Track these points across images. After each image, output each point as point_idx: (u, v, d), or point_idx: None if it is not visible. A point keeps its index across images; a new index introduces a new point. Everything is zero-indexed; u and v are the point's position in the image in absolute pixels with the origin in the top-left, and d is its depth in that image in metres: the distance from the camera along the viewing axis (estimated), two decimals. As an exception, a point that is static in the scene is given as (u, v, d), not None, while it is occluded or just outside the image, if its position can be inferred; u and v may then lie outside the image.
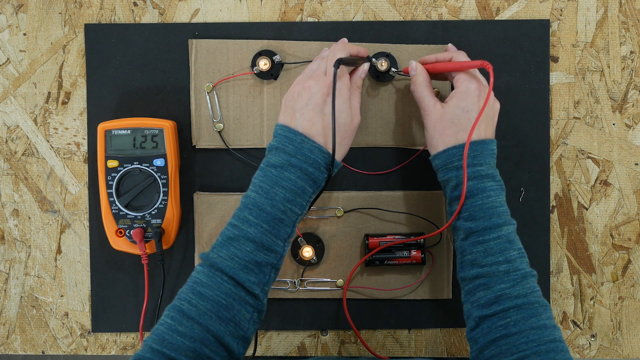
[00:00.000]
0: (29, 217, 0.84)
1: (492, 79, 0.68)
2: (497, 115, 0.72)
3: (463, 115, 0.69)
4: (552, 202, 0.83)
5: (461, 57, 0.73)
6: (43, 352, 0.85)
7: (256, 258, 0.64)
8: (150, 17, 0.83)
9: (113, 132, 0.78)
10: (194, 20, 0.83)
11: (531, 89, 0.82)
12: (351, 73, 0.74)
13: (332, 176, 0.69)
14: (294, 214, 0.66)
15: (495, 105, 0.72)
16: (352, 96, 0.72)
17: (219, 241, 0.65)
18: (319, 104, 0.68)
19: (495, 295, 0.65)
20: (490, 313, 0.64)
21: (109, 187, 0.78)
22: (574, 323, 0.84)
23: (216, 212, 0.82)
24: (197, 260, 0.82)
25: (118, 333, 0.84)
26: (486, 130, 0.70)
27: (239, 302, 0.63)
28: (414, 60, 0.75)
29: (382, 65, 0.80)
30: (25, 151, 0.84)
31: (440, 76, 0.76)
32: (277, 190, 0.66)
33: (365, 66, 0.74)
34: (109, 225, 0.79)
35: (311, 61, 0.81)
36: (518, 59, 0.82)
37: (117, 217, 0.79)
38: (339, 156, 0.70)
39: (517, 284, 0.65)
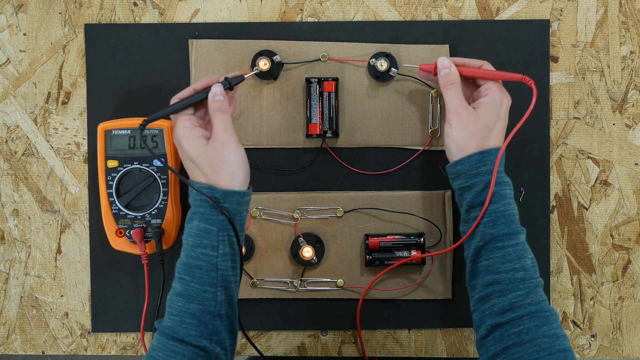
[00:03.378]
0: (29, 217, 0.84)
1: (535, 95, 0.69)
2: None
3: (496, 122, 0.70)
4: (552, 202, 0.83)
5: (489, 66, 0.73)
6: (43, 352, 0.85)
7: (189, 310, 0.65)
8: (150, 17, 0.83)
9: (113, 132, 0.78)
10: (194, 20, 0.83)
11: (531, 89, 0.82)
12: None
13: (240, 202, 0.68)
14: (209, 256, 0.66)
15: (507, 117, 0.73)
16: (214, 122, 0.69)
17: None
18: (183, 157, 0.70)
19: (510, 303, 0.65)
20: (503, 321, 0.65)
21: (109, 187, 0.78)
22: (574, 323, 0.84)
23: (216, 212, 0.82)
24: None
25: (118, 333, 0.84)
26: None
27: (190, 356, 0.64)
28: (446, 58, 0.73)
29: (382, 65, 0.80)
30: (25, 151, 0.84)
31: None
32: (188, 240, 0.67)
33: (214, 90, 0.70)
34: (109, 225, 0.79)
35: (311, 61, 0.81)
36: (518, 59, 0.82)
37: (117, 217, 0.79)
38: (231, 178, 0.67)
39: (531, 292, 0.65)
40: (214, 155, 0.67)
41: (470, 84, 0.75)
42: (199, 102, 0.71)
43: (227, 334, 0.67)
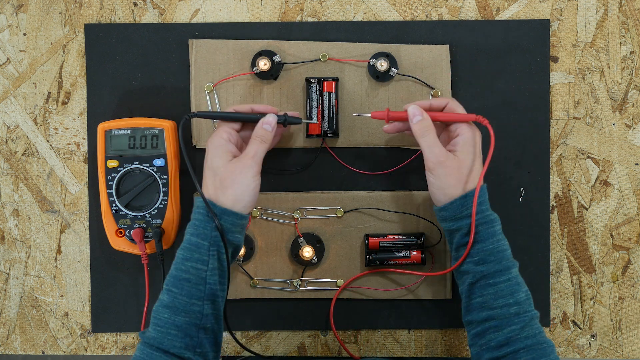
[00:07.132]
0: (29, 217, 0.84)
1: (492, 135, 0.69)
2: None
3: (474, 163, 0.70)
4: (552, 202, 0.83)
5: (454, 104, 0.72)
6: (43, 352, 0.85)
7: (175, 322, 0.66)
8: (150, 17, 0.83)
9: (113, 132, 0.78)
10: (194, 20, 0.83)
11: (531, 89, 0.82)
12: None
13: (239, 222, 0.69)
14: (198, 270, 0.67)
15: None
16: (249, 145, 0.71)
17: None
18: (205, 162, 0.71)
19: (506, 337, 0.66)
20: (500, 355, 0.65)
21: (109, 187, 0.78)
22: (574, 323, 0.84)
23: (216, 212, 0.82)
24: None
25: (118, 333, 0.85)
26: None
27: None
28: (413, 105, 0.72)
29: (382, 65, 0.80)
30: (25, 151, 0.84)
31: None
32: (179, 253, 0.69)
33: (267, 119, 0.72)
34: (109, 225, 0.79)
35: (311, 61, 0.81)
36: (518, 59, 0.82)
37: (117, 217, 0.79)
38: (233, 199, 0.69)
39: (526, 325, 0.66)
40: (230, 173, 0.69)
41: (437, 124, 0.74)
42: (248, 121, 0.73)
43: (210, 347, 0.68)
